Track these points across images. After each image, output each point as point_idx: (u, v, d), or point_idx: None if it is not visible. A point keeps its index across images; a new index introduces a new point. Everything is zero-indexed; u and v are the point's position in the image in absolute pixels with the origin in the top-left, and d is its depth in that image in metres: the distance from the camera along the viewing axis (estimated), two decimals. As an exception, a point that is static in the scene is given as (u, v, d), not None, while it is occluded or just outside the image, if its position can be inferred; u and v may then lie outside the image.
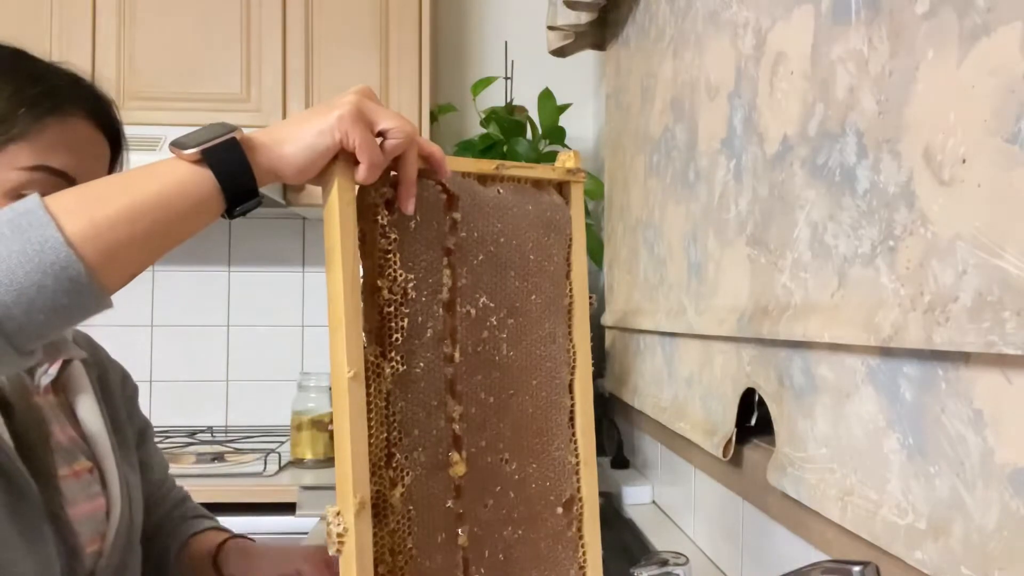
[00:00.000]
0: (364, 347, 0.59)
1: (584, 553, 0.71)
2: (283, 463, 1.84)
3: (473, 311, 0.65)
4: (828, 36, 0.77)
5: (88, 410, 0.82)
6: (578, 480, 0.70)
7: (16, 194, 0.69)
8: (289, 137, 0.59)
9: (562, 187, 0.73)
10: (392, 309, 0.61)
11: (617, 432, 1.78)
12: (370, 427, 0.58)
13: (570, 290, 0.71)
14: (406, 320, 0.61)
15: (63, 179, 0.72)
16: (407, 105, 1.97)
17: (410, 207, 0.61)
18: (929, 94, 0.60)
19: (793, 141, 0.85)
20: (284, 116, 1.95)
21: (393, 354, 0.60)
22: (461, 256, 0.65)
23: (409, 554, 0.60)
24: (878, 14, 0.68)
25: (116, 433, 0.86)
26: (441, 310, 0.63)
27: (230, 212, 0.59)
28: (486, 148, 1.96)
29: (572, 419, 0.71)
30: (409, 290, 0.61)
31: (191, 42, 1.93)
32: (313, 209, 2.05)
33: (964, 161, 0.56)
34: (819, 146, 0.78)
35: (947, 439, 0.59)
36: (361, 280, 0.60)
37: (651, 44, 1.51)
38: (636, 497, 1.55)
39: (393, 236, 0.61)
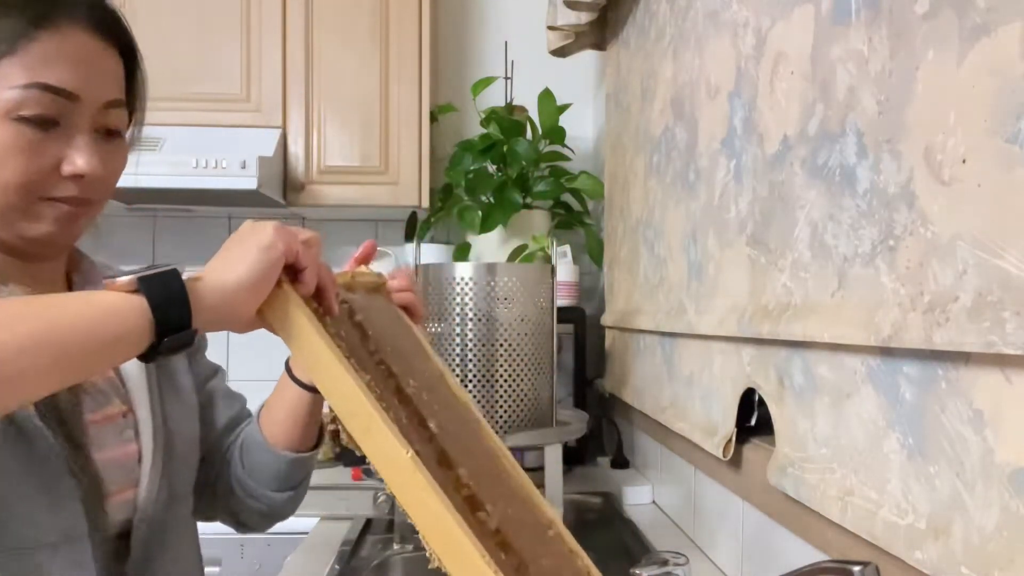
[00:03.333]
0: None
1: (581, 559, 0.71)
2: (283, 463, 1.83)
3: (408, 390, 0.68)
4: (828, 36, 0.77)
5: None
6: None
7: (15, 115, 0.64)
8: (233, 263, 0.59)
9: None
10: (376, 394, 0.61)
11: (617, 432, 1.78)
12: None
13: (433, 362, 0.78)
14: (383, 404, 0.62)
15: (64, 96, 0.65)
16: (407, 105, 1.97)
17: (336, 308, 0.64)
18: (929, 94, 0.60)
19: (793, 141, 0.85)
20: (284, 116, 1.95)
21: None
22: (377, 350, 0.69)
23: None
24: (878, 14, 0.68)
25: (164, 379, 0.80)
26: (394, 397, 0.66)
27: (157, 346, 0.56)
28: (486, 148, 1.96)
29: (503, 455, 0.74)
30: (372, 387, 0.62)
31: (191, 42, 1.93)
32: (313, 209, 2.05)
33: (964, 161, 0.56)
34: (819, 146, 0.78)
35: (947, 439, 0.59)
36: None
37: (651, 44, 1.51)
38: (636, 497, 1.55)
39: (340, 344, 0.63)
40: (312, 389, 0.83)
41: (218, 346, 2.25)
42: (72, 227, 0.71)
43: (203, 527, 0.87)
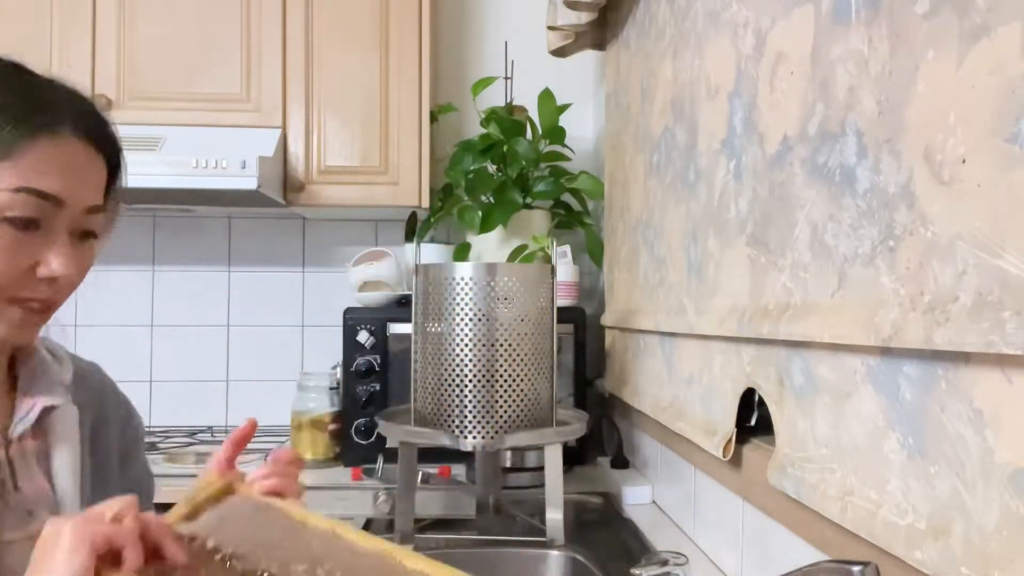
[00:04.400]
0: None
1: None
2: (283, 463, 1.83)
3: None
4: (828, 36, 0.77)
5: (63, 464, 0.76)
6: None
7: (0, 216, 0.65)
8: None
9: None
10: None
11: (617, 432, 1.78)
12: None
13: None
14: None
15: (51, 202, 0.68)
16: (407, 105, 1.97)
17: (181, 555, 0.62)
18: (929, 94, 0.60)
19: (793, 141, 0.85)
20: (284, 116, 1.95)
21: None
22: (249, 565, 0.66)
23: None
24: (878, 14, 0.68)
25: (98, 488, 0.80)
26: None
27: None
28: (486, 148, 1.96)
29: None
30: None
31: (191, 42, 1.93)
32: (313, 209, 2.05)
33: (964, 161, 0.56)
34: (819, 146, 0.78)
35: (947, 439, 0.59)
36: None
37: (651, 44, 1.51)
38: (636, 497, 1.55)
39: None
40: None
41: (218, 346, 2.25)
42: (31, 331, 0.72)
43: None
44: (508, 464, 1.71)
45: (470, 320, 1.16)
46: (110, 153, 0.75)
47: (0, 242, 0.66)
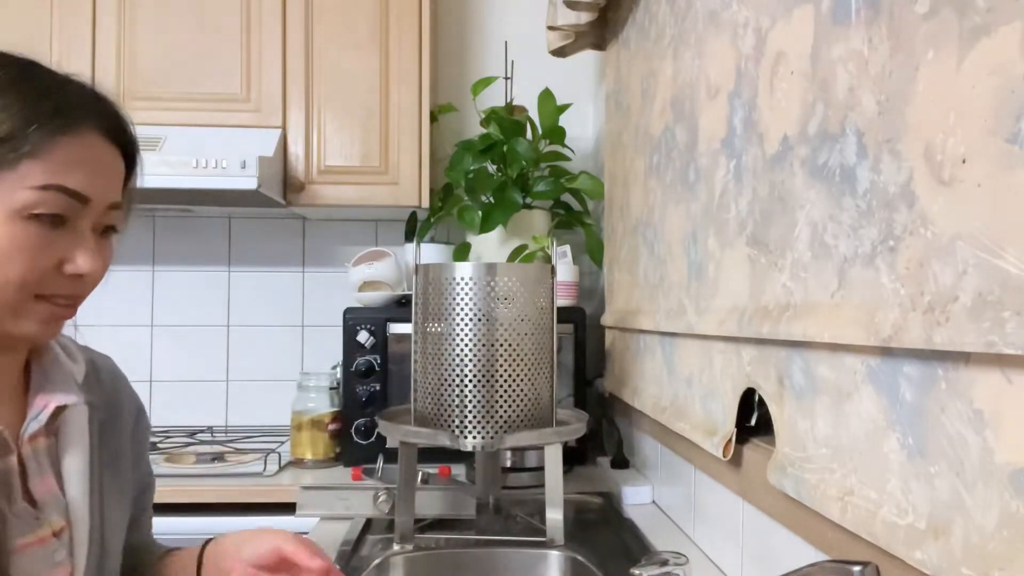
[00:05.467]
0: None
1: None
2: (283, 463, 1.84)
3: None
4: (828, 36, 0.77)
5: (73, 467, 0.77)
6: None
7: (28, 214, 0.66)
8: None
9: None
10: None
11: (617, 432, 1.78)
12: None
13: None
14: None
15: (77, 199, 0.69)
16: (407, 105, 1.97)
17: None
18: (929, 94, 0.60)
19: (793, 141, 0.85)
20: (284, 116, 1.95)
21: None
22: None
23: None
24: (878, 14, 0.68)
25: (110, 485, 0.81)
26: None
27: None
28: (486, 148, 1.96)
29: None
30: None
31: (191, 42, 1.94)
32: (313, 209, 2.05)
33: (964, 161, 0.56)
34: (819, 146, 0.78)
35: (947, 439, 0.59)
36: None
37: (651, 44, 1.51)
38: (636, 497, 1.55)
39: None
40: None
41: (218, 346, 2.25)
42: (55, 327, 0.73)
43: (203, 525, 0.87)
44: (508, 464, 1.71)
45: (470, 320, 1.16)
46: (128, 151, 0.76)
47: (28, 240, 0.67)
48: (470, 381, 1.16)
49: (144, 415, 0.93)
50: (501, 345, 1.17)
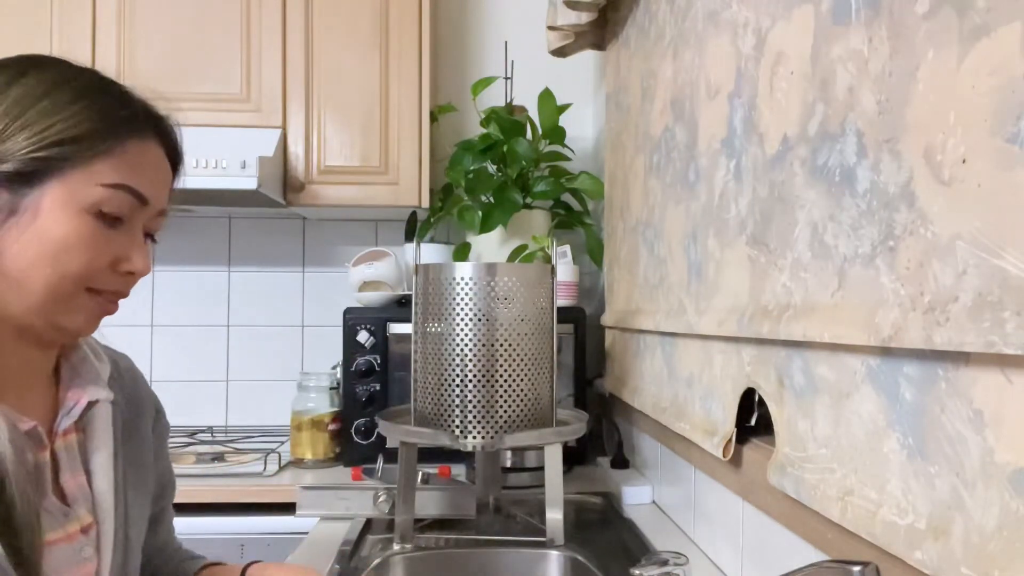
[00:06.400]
0: None
1: None
2: (283, 463, 1.84)
3: None
4: (828, 36, 0.77)
5: (101, 464, 0.78)
6: None
7: (95, 211, 0.70)
8: None
9: None
10: None
11: (617, 432, 1.78)
12: None
13: None
14: None
15: (139, 200, 0.73)
16: (407, 105, 1.97)
17: None
18: (929, 94, 0.60)
19: (793, 141, 0.85)
20: (284, 116, 1.95)
21: None
22: None
23: None
24: (878, 14, 0.68)
25: (133, 482, 0.83)
26: None
27: None
28: (486, 148, 1.96)
29: None
30: None
31: (191, 42, 1.94)
32: (313, 209, 2.05)
33: (964, 161, 0.56)
34: (819, 146, 0.78)
35: (947, 439, 0.59)
36: None
37: (651, 44, 1.51)
38: (636, 497, 1.55)
39: None
40: None
41: (218, 346, 2.25)
42: (97, 322, 0.76)
43: (203, 525, 0.88)
44: (508, 464, 1.71)
45: (470, 320, 1.16)
46: (176, 162, 0.81)
47: (91, 236, 0.70)
48: (470, 381, 1.16)
49: (163, 414, 0.96)
50: (501, 345, 1.17)
